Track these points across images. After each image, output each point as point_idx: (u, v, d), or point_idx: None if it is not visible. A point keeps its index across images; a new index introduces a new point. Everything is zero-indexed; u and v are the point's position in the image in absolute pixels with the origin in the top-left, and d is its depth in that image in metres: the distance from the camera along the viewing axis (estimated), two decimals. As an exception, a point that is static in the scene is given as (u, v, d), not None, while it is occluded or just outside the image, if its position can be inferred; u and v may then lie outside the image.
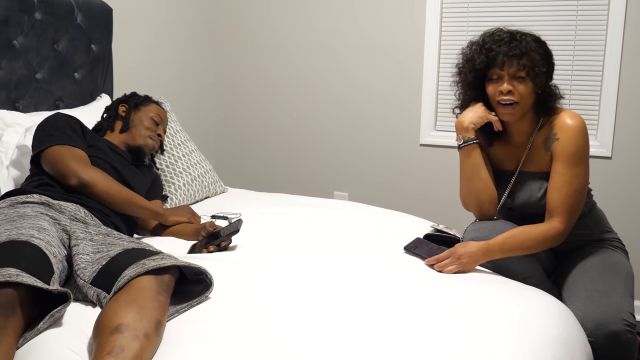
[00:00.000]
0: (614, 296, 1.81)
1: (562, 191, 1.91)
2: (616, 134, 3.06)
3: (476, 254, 1.88)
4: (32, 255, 1.43)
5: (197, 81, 3.81)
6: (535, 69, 1.90)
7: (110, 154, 2.19)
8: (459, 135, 2.05)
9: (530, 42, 1.93)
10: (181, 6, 3.59)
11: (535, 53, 1.91)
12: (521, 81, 1.92)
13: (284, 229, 2.25)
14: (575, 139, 1.91)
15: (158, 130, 2.40)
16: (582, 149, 1.91)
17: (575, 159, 1.91)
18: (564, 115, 1.95)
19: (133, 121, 2.36)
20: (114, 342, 1.24)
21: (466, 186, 2.08)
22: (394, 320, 1.46)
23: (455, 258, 1.88)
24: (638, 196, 3.07)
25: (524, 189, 2.03)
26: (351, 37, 3.56)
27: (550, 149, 1.96)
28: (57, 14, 2.59)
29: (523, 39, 1.93)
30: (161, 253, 1.54)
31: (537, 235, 1.90)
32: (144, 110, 2.39)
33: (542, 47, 1.95)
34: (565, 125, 1.93)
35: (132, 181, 2.19)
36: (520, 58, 1.90)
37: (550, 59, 1.98)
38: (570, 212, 1.91)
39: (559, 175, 1.92)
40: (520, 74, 1.91)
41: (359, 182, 3.67)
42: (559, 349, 1.49)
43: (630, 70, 2.99)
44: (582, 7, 3.04)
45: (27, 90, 2.51)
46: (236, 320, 1.43)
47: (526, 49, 1.91)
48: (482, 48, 1.96)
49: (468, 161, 2.05)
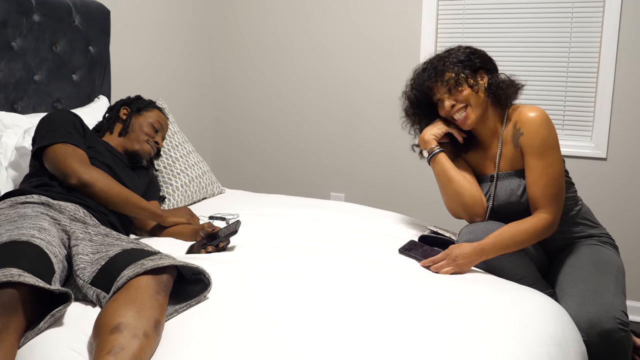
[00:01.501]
0: (606, 295, 1.83)
1: (540, 182, 1.96)
2: (611, 135, 3.08)
3: (470, 255, 1.90)
4: (33, 255, 1.45)
5: (194, 83, 3.82)
6: (459, 76, 2.03)
7: (108, 155, 2.20)
8: (424, 150, 2.16)
9: (445, 56, 2.09)
10: (178, 8, 3.61)
11: (449, 63, 2.06)
12: (456, 91, 2.05)
13: (281, 230, 2.26)
14: (539, 130, 1.96)
15: (156, 137, 2.40)
16: (547, 139, 1.96)
17: (544, 149, 1.96)
18: (525, 110, 2.01)
19: (133, 125, 2.37)
20: (114, 342, 1.26)
21: (445, 193, 2.16)
22: (391, 321, 1.47)
23: (450, 259, 1.91)
24: (633, 197, 3.09)
25: (504, 190, 2.07)
26: (348, 37, 3.58)
27: (519, 145, 2.01)
28: (55, 16, 2.60)
29: (438, 58, 2.11)
30: (159, 253, 1.55)
31: (527, 228, 1.93)
32: (145, 115, 2.40)
33: (459, 50, 2.09)
34: (527, 118, 1.99)
35: (128, 183, 2.21)
36: (440, 77, 2.07)
37: (474, 56, 2.08)
38: (553, 200, 1.95)
39: (533, 169, 1.98)
40: (450, 85, 2.05)
41: (355, 183, 3.69)
42: (553, 348, 1.51)
43: (625, 71, 3.01)
44: (577, 9, 3.06)
45: (26, 92, 2.52)
46: (234, 320, 1.44)
47: (441, 66, 2.07)
48: (412, 87, 2.18)
49: (438, 168, 2.14)
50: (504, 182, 2.07)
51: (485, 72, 2.08)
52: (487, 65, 2.10)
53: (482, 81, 2.07)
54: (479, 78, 2.07)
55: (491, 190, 2.10)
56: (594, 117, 3.09)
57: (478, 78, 2.07)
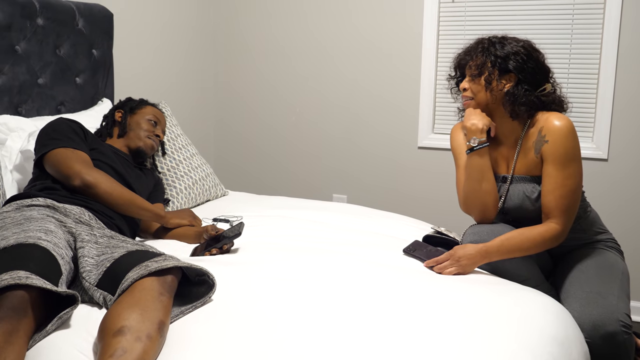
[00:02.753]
0: (610, 297, 1.83)
1: (556, 193, 1.92)
2: (612, 136, 3.09)
3: (475, 256, 1.90)
4: (40, 258, 1.46)
5: (197, 86, 3.83)
6: (483, 68, 1.99)
7: (113, 156, 2.22)
8: (474, 138, 2.02)
9: (497, 42, 2.01)
10: (181, 11, 3.62)
11: (487, 54, 2.00)
12: (473, 80, 2.03)
13: (284, 232, 2.27)
14: (564, 141, 1.92)
15: (156, 130, 2.42)
16: (572, 150, 1.92)
17: (566, 160, 1.92)
18: (551, 117, 1.95)
19: (130, 125, 2.39)
20: (117, 345, 1.26)
21: (474, 189, 2.05)
22: (395, 321, 1.48)
23: (454, 260, 1.91)
24: (634, 198, 3.09)
25: (517, 193, 2.04)
26: (349, 41, 3.59)
27: (540, 152, 1.97)
28: (58, 19, 2.62)
29: (492, 41, 2.03)
30: (163, 255, 1.56)
31: (535, 236, 1.91)
32: (139, 113, 2.43)
33: (516, 45, 1.99)
34: (553, 127, 1.93)
35: (134, 184, 2.22)
36: (473, 58, 2.03)
37: (518, 57, 1.96)
38: (566, 213, 1.93)
39: (552, 178, 1.93)
40: (473, 71, 2.03)
41: (357, 184, 3.70)
42: (556, 349, 1.51)
43: (626, 73, 3.02)
44: (577, 11, 3.07)
45: (30, 95, 2.53)
46: (238, 322, 1.45)
47: (478, 50, 2.02)
48: (464, 51, 2.13)
49: (480, 163, 2.03)
50: (518, 185, 2.04)
51: (517, 78, 1.97)
52: (527, 73, 1.97)
53: (506, 85, 1.99)
54: (504, 81, 1.99)
55: (503, 192, 2.07)
56: (595, 118, 3.09)
57: (503, 80, 1.98)
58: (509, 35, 2.05)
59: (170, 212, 2.27)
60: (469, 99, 2.05)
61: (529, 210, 2.02)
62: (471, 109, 2.06)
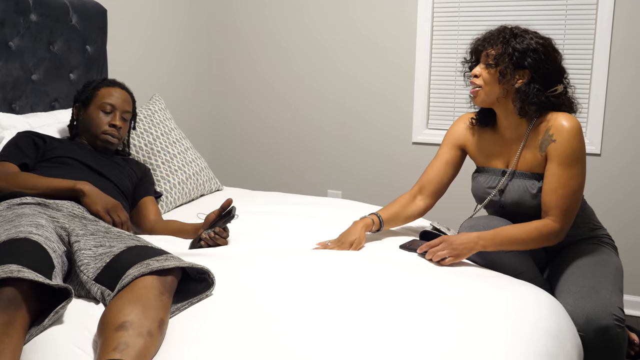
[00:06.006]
0: (603, 292, 1.85)
1: (558, 192, 1.92)
2: (605, 131, 3.11)
3: (468, 242, 1.90)
4: (32, 252, 1.46)
5: (191, 81, 3.83)
6: (500, 59, 1.95)
7: (79, 150, 2.21)
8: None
9: (517, 34, 1.97)
10: (175, 6, 3.61)
11: (506, 46, 1.95)
12: (487, 68, 1.99)
13: (279, 227, 2.28)
14: (572, 141, 1.92)
15: (111, 119, 2.28)
16: (578, 151, 1.92)
17: (572, 161, 1.92)
18: (560, 117, 1.95)
19: (84, 121, 2.31)
20: (119, 339, 1.27)
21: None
22: (391, 315, 1.49)
23: (447, 244, 1.91)
24: (627, 193, 3.11)
25: (517, 188, 2.04)
26: (344, 36, 3.59)
27: (546, 151, 1.96)
28: (52, 15, 2.61)
29: (512, 32, 1.99)
30: (165, 253, 1.56)
31: (531, 230, 1.91)
32: (93, 104, 2.29)
33: (533, 40, 1.95)
34: (562, 126, 1.93)
35: (110, 175, 2.20)
36: (490, 47, 1.99)
37: (535, 56, 1.94)
38: (565, 212, 1.92)
39: (555, 177, 1.93)
40: (489, 60, 1.99)
41: (352, 180, 3.71)
42: (550, 342, 1.53)
43: (619, 68, 3.03)
44: (570, 7, 3.08)
45: (24, 92, 2.53)
46: (235, 317, 1.46)
47: (499, 40, 1.97)
48: (482, 38, 2.07)
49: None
50: (518, 180, 2.04)
51: (531, 75, 1.96)
52: (541, 73, 1.95)
53: (519, 80, 1.97)
54: (517, 76, 1.96)
55: (502, 185, 2.07)
56: (588, 114, 3.11)
57: (517, 76, 1.96)
58: (531, 30, 2.01)
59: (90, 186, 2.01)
60: (478, 86, 2.01)
61: (527, 206, 2.02)
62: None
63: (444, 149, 2.21)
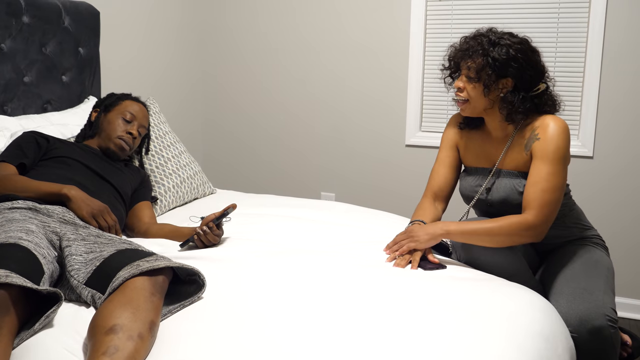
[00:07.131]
0: (596, 293, 1.85)
1: (538, 186, 1.91)
2: (597, 133, 3.12)
3: (434, 229, 1.94)
4: (21, 257, 1.45)
5: (184, 83, 3.82)
6: (482, 72, 1.95)
7: (82, 153, 2.23)
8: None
9: (494, 42, 1.95)
10: (167, 8, 3.60)
11: (486, 57, 1.94)
12: (470, 81, 1.99)
13: (272, 230, 2.27)
14: (556, 139, 1.92)
15: (130, 128, 2.36)
16: (562, 150, 1.93)
17: (554, 158, 1.92)
18: (547, 118, 1.96)
19: (102, 124, 2.36)
20: (109, 343, 1.26)
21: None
22: (384, 318, 1.49)
23: (409, 236, 1.96)
24: (619, 195, 3.12)
25: (503, 186, 2.05)
26: (337, 39, 3.59)
27: (531, 149, 1.97)
28: (44, 17, 2.60)
29: (489, 40, 1.97)
30: (154, 254, 1.56)
31: (502, 224, 1.89)
32: (115, 110, 2.38)
33: (513, 48, 1.94)
34: (548, 125, 1.94)
35: (111, 178, 2.22)
36: (469, 58, 1.98)
37: (516, 63, 1.94)
38: (544, 207, 1.90)
39: (536, 171, 1.93)
40: (470, 74, 1.98)
41: (345, 182, 3.71)
42: (543, 344, 1.53)
43: (611, 70, 3.05)
44: (563, 10, 3.09)
45: (15, 94, 2.52)
46: (228, 319, 1.45)
47: (479, 51, 1.95)
48: (455, 47, 2.07)
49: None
50: (505, 179, 2.05)
51: (514, 83, 1.96)
52: (524, 80, 1.96)
53: (503, 89, 1.98)
54: (500, 85, 1.97)
55: (488, 184, 2.08)
56: (581, 116, 3.12)
57: (500, 85, 1.97)
58: (505, 31, 2.01)
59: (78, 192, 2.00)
60: (464, 100, 2.02)
61: (514, 204, 2.02)
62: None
63: (444, 152, 2.21)
